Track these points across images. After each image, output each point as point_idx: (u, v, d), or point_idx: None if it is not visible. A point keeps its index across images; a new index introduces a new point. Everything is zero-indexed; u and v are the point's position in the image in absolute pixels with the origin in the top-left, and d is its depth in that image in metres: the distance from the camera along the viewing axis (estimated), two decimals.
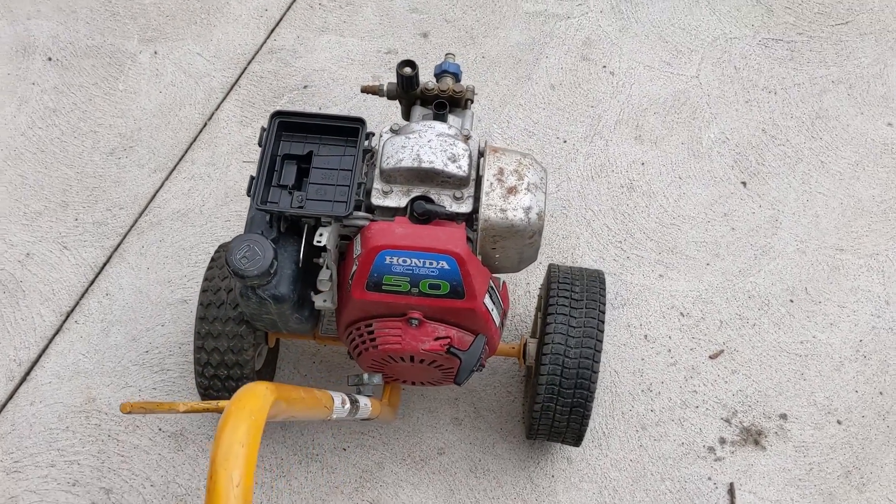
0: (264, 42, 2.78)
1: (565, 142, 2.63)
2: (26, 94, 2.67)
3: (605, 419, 2.24)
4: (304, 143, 1.75)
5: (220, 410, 1.03)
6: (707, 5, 2.88)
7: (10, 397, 2.23)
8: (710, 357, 2.34)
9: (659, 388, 2.29)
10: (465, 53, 2.77)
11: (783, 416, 2.26)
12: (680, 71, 2.76)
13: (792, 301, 2.41)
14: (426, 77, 1.94)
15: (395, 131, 1.76)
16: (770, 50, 2.80)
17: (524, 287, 2.40)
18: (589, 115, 2.67)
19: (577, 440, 2.01)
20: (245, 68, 2.74)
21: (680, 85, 2.73)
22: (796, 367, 2.32)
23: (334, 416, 1.22)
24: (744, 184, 2.57)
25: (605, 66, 2.76)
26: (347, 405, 1.27)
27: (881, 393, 2.29)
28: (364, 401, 1.47)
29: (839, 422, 2.25)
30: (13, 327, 2.32)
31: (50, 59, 2.73)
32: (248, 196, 1.66)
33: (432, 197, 1.68)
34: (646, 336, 2.35)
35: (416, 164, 1.65)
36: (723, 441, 2.23)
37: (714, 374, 2.31)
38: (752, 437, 2.24)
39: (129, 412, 0.99)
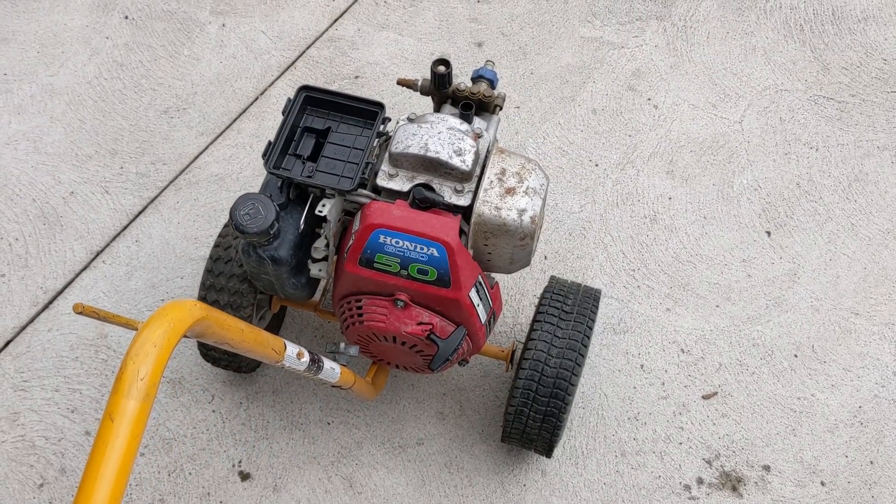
0: (326, 30, 2.90)
1: (597, 165, 2.66)
2: (99, 46, 2.84)
3: (586, 439, 2.26)
4: (325, 119, 1.84)
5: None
6: (763, 55, 2.88)
7: (31, 321, 2.38)
8: (703, 397, 2.33)
9: (646, 419, 2.29)
10: (515, 67, 2.83)
11: (766, 468, 2.24)
12: (724, 114, 2.77)
13: (796, 356, 2.39)
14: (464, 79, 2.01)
15: (411, 119, 1.83)
16: (819, 107, 2.78)
17: (530, 298, 2.44)
18: (625, 144, 2.70)
19: (547, 450, 2.03)
20: (303, 52, 2.86)
21: (722, 128, 2.74)
22: (789, 422, 2.30)
23: (287, 365, 1.28)
24: (768, 233, 2.56)
25: (649, 99, 2.79)
26: (305, 359, 1.33)
27: (871, 462, 2.25)
28: (331, 364, 1.53)
29: (823, 483, 2.22)
30: (46, 257, 2.46)
31: (126, 17, 2.90)
32: (262, 158, 1.75)
33: (434, 186, 1.75)
34: (642, 366, 2.36)
35: (422, 153, 1.72)
36: (700, 481, 2.22)
37: (703, 415, 2.30)
38: (731, 482, 2.22)
39: (80, 313, 1.07)
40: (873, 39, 2.92)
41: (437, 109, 2.08)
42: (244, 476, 2.19)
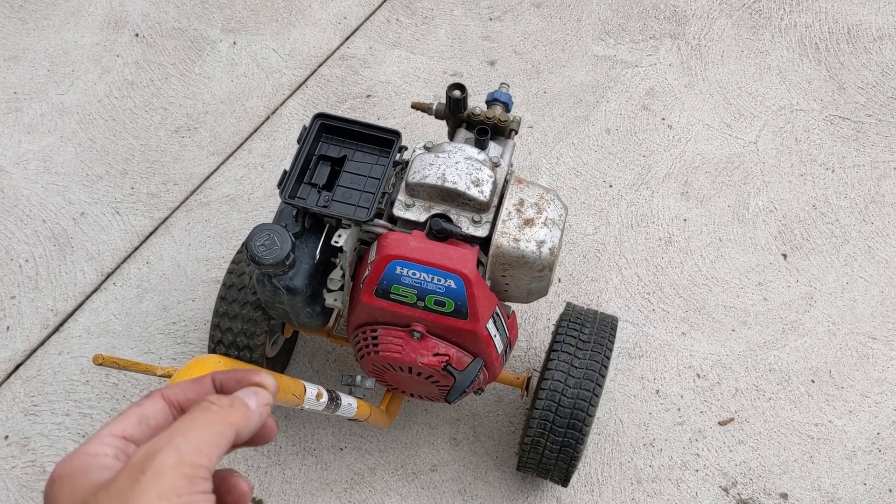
0: (337, 48, 2.89)
1: (611, 186, 2.64)
2: (109, 64, 2.82)
3: (601, 466, 2.24)
4: (340, 146, 1.82)
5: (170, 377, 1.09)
6: (778, 74, 2.86)
7: (42, 344, 2.36)
8: (720, 423, 2.31)
9: (661, 445, 2.27)
10: (528, 86, 2.81)
11: (784, 496, 2.21)
12: (739, 135, 2.75)
13: (813, 381, 2.36)
14: (478, 102, 2.00)
15: (427, 148, 1.82)
16: (835, 127, 2.76)
17: (544, 322, 2.42)
18: (639, 164, 2.68)
19: (563, 480, 2.01)
20: (315, 70, 2.84)
21: (737, 148, 2.72)
22: (806, 449, 2.27)
23: (306, 407, 1.27)
24: (784, 256, 2.54)
25: (664, 119, 2.77)
26: (324, 399, 1.31)
27: (891, 490, 2.22)
28: (348, 400, 1.51)
29: None
30: (56, 279, 2.45)
31: (137, 35, 2.89)
32: (278, 188, 1.74)
33: (451, 217, 1.73)
34: (657, 391, 2.34)
35: (440, 183, 1.70)
36: None
37: (720, 441, 2.28)
38: None
39: (101, 364, 1.05)
40: (889, 59, 2.89)
41: (452, 133, 2.06)
42: (257, 503, 2.17)
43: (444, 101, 2.02)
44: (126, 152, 2.66)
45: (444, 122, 2.57)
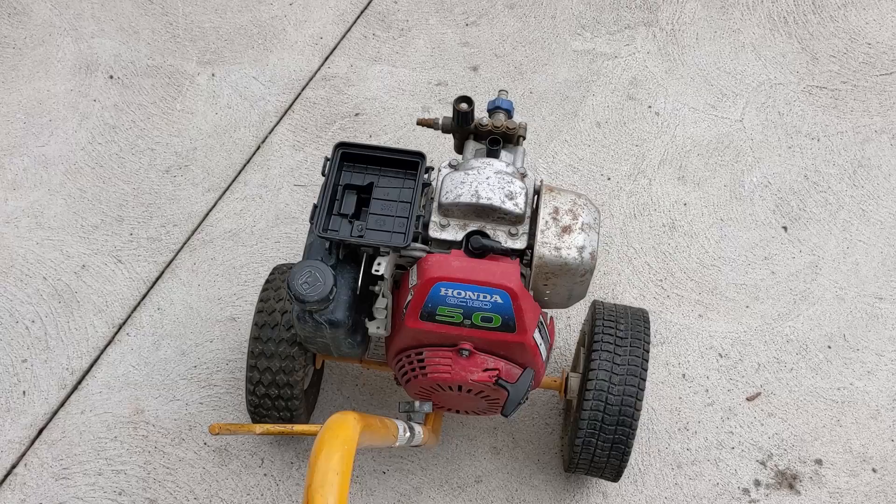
0: (318, 69, 2.86)
1: (609, 179, 2.68)
2: (87, 110, 2.76)
3: (641, 456, 2.27)
4: (364, 173, 1.81)
5: (293, 433, 1.07)
6: (752, 51, 2.92)
7: (62, 405, 2.30)
8: (748, 399, 2.36)
9: (695, 428, 2.31)
10: (514, 88, 2.83)
11: (818, 462, 2.28)
12: (724, 114, 2.80)
13: (830, 347, 2.43)
14: (476, 111, 2.00)
15: (453, 167, 1.82)
16: (814, 97, 2.84)
17: (565, 321, 2.44)
18: (633, 154, 2.72)
19: (615, 476, 2.04)
20: (299, 94, 2.81)
21: (724, 128, 2.78)
22: (832, 414, 2.34)
23: (397, 444, 1.26)
24: (785, 228, 2.60)
25: (650, 107, 2.81)
26: (408, 434, 1.32)
27: None
28: (418, 429, 1.51)
29: (874, 470, 2.26)
30: (67, 336, 2.39)
31: (111, 76, 2.82)
32: (311, 223, 1.72)
33: (487, 232, 1.73)
34: (684, 375, 2.38)
35: (474, 200, 1.70)
36: (758, 483, 2.24)
37: (750, 417, 2.33)
38: (787, 480, 2.25)
39: (218, 433, 1.04)
40: (855, 24, 2.98)
41: (460, 146, 2.07)
42: None
43: (440, 114, 2.02)
44: (119, 198, 2.60)
45: (439, 134, 2.58)
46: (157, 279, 2.48)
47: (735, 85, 2.86)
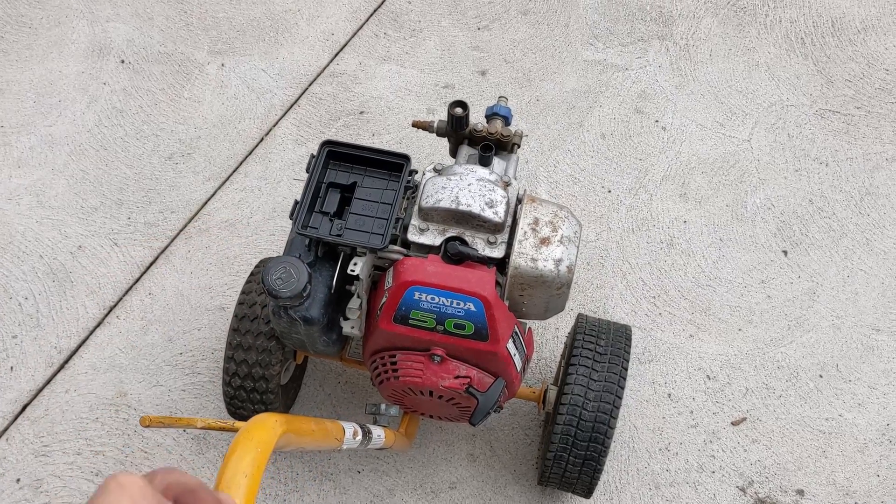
0: (327, 65, 2.87)
1: (610, 191, 2.65)
2: (97, 93, 2.79)
3: (619, 473, 2.24)
4: (349, 172, 1.81)
5: (234, 430, 1.08)
6: (766, 70, 2.88)
7: (48, 383, 2.32)
8: (733, 423, 2.33)
9: (677, 449, 2.28)
10: (521, 95, 2.81)
11: (800, 492, 2.24)
12: (732, 133, 2.76)
13: (821, 376, 2.38)
14: (478, 115, 1.99)
15: (437, 171, 1.81)
16: (826, 121, 2.79)
17: (553, 332, 2.42)
18: (636, 168, 2.69)
19: (587, 492, 2.02)
20: (306, 89, 2.82)
21: (731, 147, 2.74)
22: (819, 444, 2.29)
23: (344, 447, 1.26)
24: (785, 252, 2.56)
25: (657, 121, 2.78)
26: (359, 437, 1.31)
27: None
28: (378, 431, 1.51)
29: None
30: (58, 315, 2.41)
31: (123, 61, 2.85)
32: (291, 219, 1.72)
33: (466, 239, 1.72)
34: (669, 395, 2.35)
35: (454, 206, 1.69)
36: None
37: (734, 441, 2.29)
38: None
39: (148, 426, 1.04)
40: (874, 50, 2.93)
41: (454, 151, 2.06)
42: None
43: (442, 118, 2.01)
44: (120, 182, 2.63)
45: (441, 138, 2.57)
46: (151, 264, 2.50)
47: (746, 104, 2.82)
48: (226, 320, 2.40)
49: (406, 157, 1.78)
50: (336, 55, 2.89)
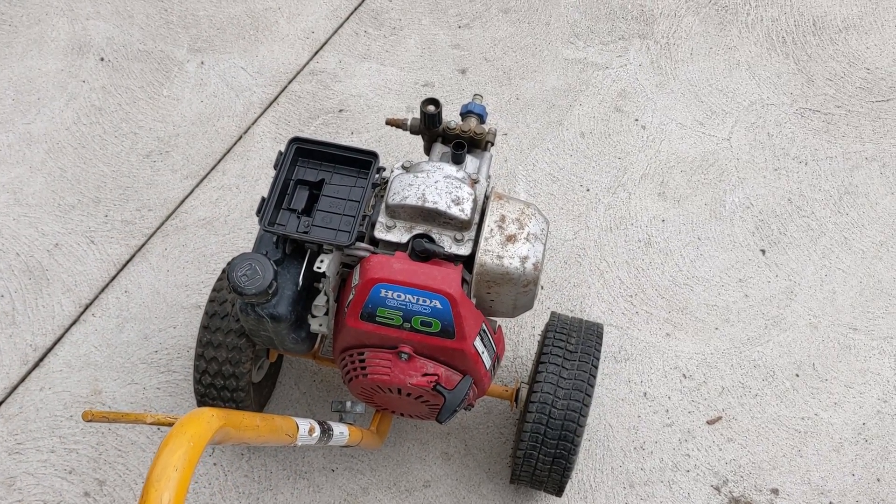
0: (307, 63, 2.86)
1: (588, 190, 2.65)
2: (76, 90, 2.78)
3: (594, 472, 2.24)
4: (318, 170, 1.81)
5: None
6: (747, 69, 2.88)
7: (22, 380, 2.32)
8: (708, 422, 2.32)
9: (652, 448, 2.28)
10: (501, 93, 2.81)
11: (775, 491, 2.23)
12: (712, 132, 2.76)
13: (798, 375, 2.38)
14: (457, 113, 1.98)
15: (405, 168, 1.81)
16: (806, 120, 2.79)
17: (529, 330, 2.42)
18: (615, 167, 2.69)
19: (557, 491, 2.01)
20: (285, 87, 2.81)
21: (710, 146, 2.74)
22: (794, 443, 2.29)
23: (300, 444, 1.25)
24: (763, 252, 2.56)
25: (637, 120, 2.78)
26: (316, 433, 1.30)
27: (878, 480, 2.25)
28: (340, 429, 1.50)
29: (832, 503, 2.22)
30: (34, 313, 2.41)
31: (102, 59, 2.85)
32: (257, 215, 1.72)
33: (433, 236, 1.72)
34: (645, 394, 2.35)
35: (420, 203, 1.69)
36: None
37: (709, 440, 2.29)
38: None
39: (90, 421, 1.04)
40: (855, 49, 2.92)
41: (428, 148, 2.06)
42: None
43: (418, 115, 2.01)
44: (98, 180, 2.62)
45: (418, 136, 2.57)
46: (128, 262, 2.50)
47: (726, 103, 2.82)
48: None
49: (374, 155, 1.78)
50: (316, 53, 2.89)
